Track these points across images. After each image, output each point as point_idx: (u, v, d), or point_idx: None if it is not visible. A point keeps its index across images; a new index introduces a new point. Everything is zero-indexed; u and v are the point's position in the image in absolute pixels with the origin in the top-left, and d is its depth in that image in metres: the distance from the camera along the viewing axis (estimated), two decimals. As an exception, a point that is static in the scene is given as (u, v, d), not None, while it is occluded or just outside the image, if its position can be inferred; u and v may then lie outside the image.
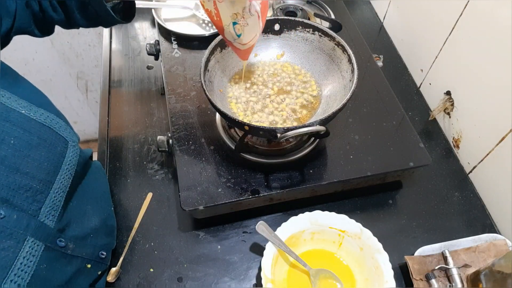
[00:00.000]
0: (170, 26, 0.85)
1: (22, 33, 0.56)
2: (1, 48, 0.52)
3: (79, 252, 0.53)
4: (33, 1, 0.56)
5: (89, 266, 0.55)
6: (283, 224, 0.60)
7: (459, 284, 0.59)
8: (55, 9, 0.58)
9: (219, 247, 0.65)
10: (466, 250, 0.63)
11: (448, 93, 0.79)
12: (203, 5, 0.59)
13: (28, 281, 0.44)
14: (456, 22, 0.73)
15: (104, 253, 0.58)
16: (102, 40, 0.99)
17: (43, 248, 0.46)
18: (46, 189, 0.47)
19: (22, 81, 0.53)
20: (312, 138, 0.69)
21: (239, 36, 0.58)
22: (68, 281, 0.51)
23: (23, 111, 0.47)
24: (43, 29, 0.61)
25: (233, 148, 0.67)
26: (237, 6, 0.54)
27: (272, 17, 0.70)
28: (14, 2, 0.53)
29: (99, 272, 0.58)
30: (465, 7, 0.70)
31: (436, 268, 0.61)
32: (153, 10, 0.88)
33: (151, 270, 0.62)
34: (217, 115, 0.72)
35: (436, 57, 0.82)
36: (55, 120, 0.51)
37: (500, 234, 0.67)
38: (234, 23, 0.57)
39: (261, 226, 0.60)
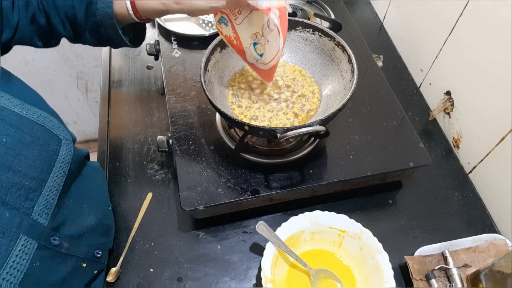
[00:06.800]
0: (170, 26, 0.85)
1: (24, 44, 0.56)
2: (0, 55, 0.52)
3: (74, 251, 0.53)
4: (39, 15, 0.55)
5: (84, 265, 0.55)
6: (283, 224, 0.60)
7: (459, 284, 0.59)
8: (65, 26, 0.58)
9: (219, 247, 0.65)
10: (466, 250, 0.63)
11: (448, 93, 0.79)
12: (221, 32, 0.58)
13: (21, 280, 0.44)
14: (456, 22, 0.73)
15: (100, 252, 0.58)
16: (102, 40, 0.99)
17: (36, 247, 0.46)
18: (39, 187, 0.47)
19: (15, 80, 0.53)
20: (312, 139, 0.69)
21: (261, 56, 0.57)
22: (63, 280, 0.50)
23: (15, 110, 0.47)
24: (49, 42, 0.60)
25: (233, 148, 0.67)
26: (256, 25, 0.53)
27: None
28: (17, 15, 0.53)
29: (95, 272, 0.58)
30: (465, 7, 0.70)
31: (436, 268, 0.61)
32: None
33: (151, 270, 0.62)
34: (217, 115, 0.72)
35: (436, 57, 0.82)
36: (48, 118, 0.51)
37: (500, 234, 0.67)
38: (255, 44, 0.55)
39: (261, 226, 0.60)
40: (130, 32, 0.64)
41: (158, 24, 0.86)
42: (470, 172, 0.75)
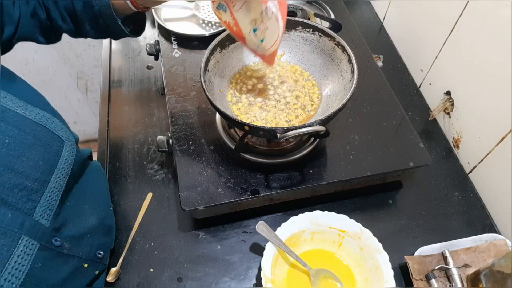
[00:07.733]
0: (170, 26, 0.85)
1: (26, 40, 0.56)
2: (1, 54, 0.52)
3: (75, 251, 0.53)
4: (40, 10, 0.55)
5: (86, 265, 0.55)
6: (283, 224, 0.60)
7: (459, 284, 0.59)
8: (64, 19, 0.58)
9: (219, 247, 0.65)
10: (466, 250, 0.63)
11: (448, 93, 0.79)
12: (220, 18, 0.58)
13: (23, 280, 0.44)
14: (456, 22, 0.73)
15: (102, 252, 0.58)
16: (102, 40, 0.99)
17: (37, 247, 0.46)
18: (41, 188, 0.47)
19: (18, 81, 0.53)
20: (312, 139, 0.69)
21: (261, 41, 0.57)
22: (64, 281, 0.50)
23: (18, 111, 0.47)
24: (50, 37, 0.60)
25: (233, 148, 0.67)
26: (254, 11, 0.53)
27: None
28: (18, 10, 0.53)
29: (97, 272, 0.58)
30: (465, 7, 0.70)
31: (436, 268, 0.61)
32: (153, 10, 0.88)
33: (151, 270, 0.62)
34: (217, 115, 0.72)
35: (436, 57, 0.82)
36: (51, 119, 0.51)
37: (500, 234, 0.67)
38: (254, 30, 0.55)
39: (261, 226, 0.60)
40: (130, 23, 0.64)
41: (158, 24, 0.86)
42: (470, 172, 0.75)
